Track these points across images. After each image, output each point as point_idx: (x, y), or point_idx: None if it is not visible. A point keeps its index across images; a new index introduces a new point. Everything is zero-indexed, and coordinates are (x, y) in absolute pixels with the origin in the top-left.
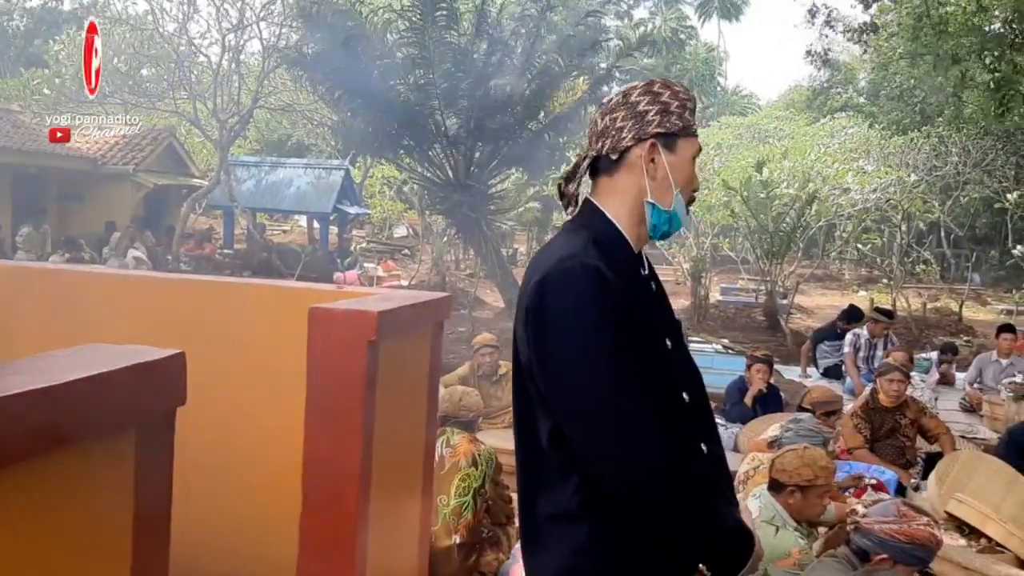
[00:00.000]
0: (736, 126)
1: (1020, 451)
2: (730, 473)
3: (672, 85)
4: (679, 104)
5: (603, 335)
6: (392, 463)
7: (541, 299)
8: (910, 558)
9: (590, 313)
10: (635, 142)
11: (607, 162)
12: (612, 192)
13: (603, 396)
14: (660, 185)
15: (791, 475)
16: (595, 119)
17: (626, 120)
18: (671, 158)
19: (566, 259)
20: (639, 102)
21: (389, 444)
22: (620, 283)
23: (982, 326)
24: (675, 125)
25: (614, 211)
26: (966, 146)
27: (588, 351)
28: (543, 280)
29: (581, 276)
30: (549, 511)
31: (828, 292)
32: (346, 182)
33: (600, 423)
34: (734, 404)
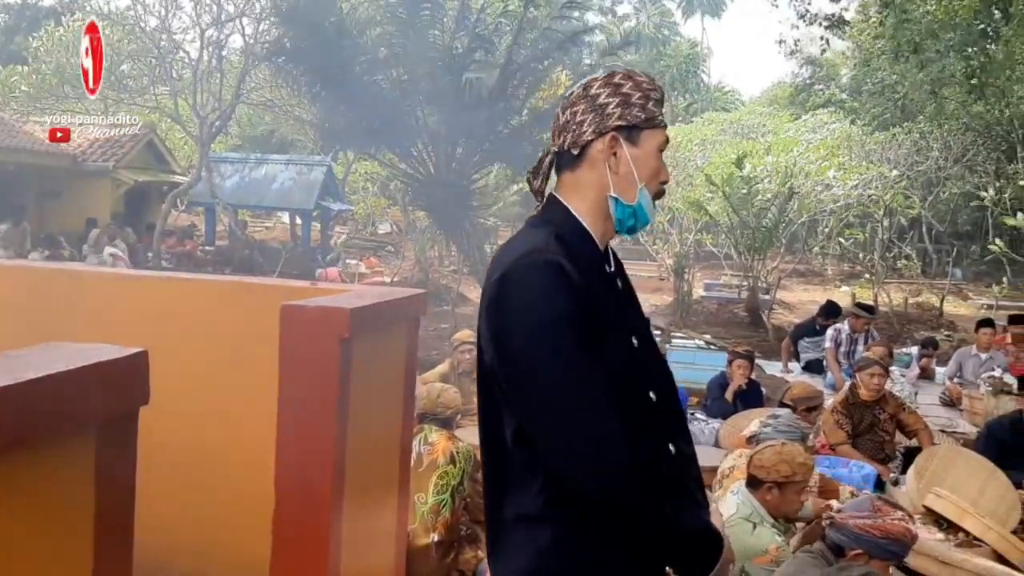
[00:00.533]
0: (719, 122)
1: (999, 445)
2: (701, 473)
3: (634, 75)
4: (641, 95)
5: (564, 332)
6: (367, 461)
7: (501, 296)
8: (885, 553)
9: (551, 310)
10: (596, 136)
11: (569, 157)
12: (575, 187)
13: (563, 394)
14: (623, 179)
15: (769, 471)
16: (558, 112)
17: (586, 113)
18: (634, 151)
19: (527, 255)
20: (599, 95)
21: (364, 442)
22: (583, 279)
23: (963, 321)
24: (637, 117)
25: (577, 206)
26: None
27: (548, 348)
28: (503, 277)
29: (542, 272)
30: (514, 512)
31: (810, 287)
32: (328, 178)
33: (559, 422)
34: (715, 399)
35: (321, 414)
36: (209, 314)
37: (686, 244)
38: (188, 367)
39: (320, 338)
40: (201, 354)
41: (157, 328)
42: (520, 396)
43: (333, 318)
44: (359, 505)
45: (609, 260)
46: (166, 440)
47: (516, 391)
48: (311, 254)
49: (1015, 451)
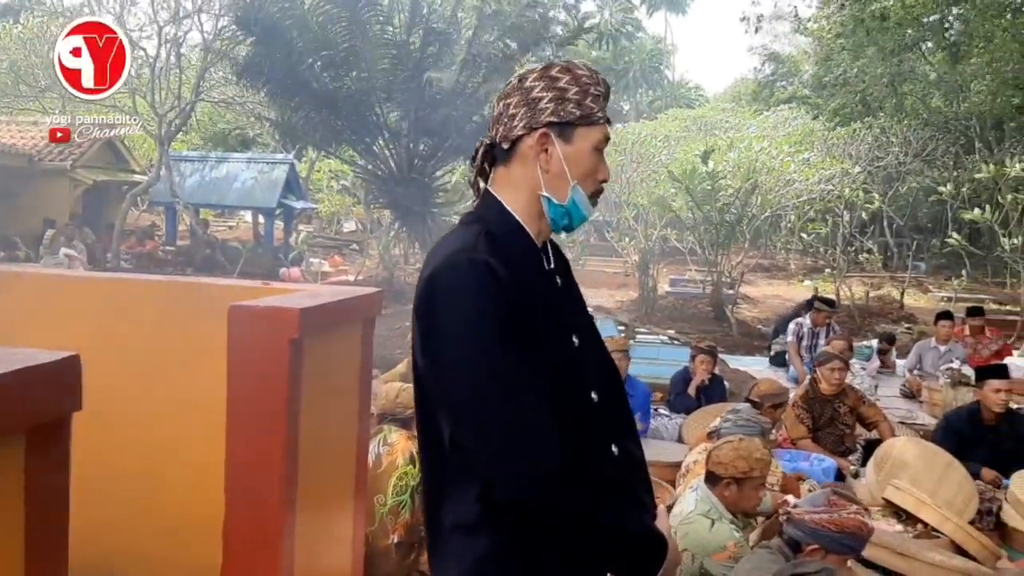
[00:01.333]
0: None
1: (956, 436)
2: (648, 474)
3: (573, 68)
4: (579, 90)
5: (489, 333)
6: (321, 463)
7: (428, 297)
8: (841, 547)
9: (476, 310)
10: (526, 131)
11: (501, 151)
12: (507, 183)
13: (488, 399)
14: (555, 178)
15: (727, 467)
16: (494, 103)
17: (519, 107)
18: (567, 149)
19: (453, 255)
20: (533, 88)
21: (317, 444)
22: (515, 278)
23: (923, 313)
24: (572, 114)
25: (511, 201)
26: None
27: (474, 350)
28: (430, 277)
29: (468, 271)
30: (451, 519)
31: (774, 282)
32: (291, 176)
33: (485, 427)
34: (678, 395)
35: (271, 416)
36: (156, 316)
37: (651, 240)
38: (135, 370)
39: (269, 339)
40: (148, 357)
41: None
42: (447, 401)
43: (282, 318)
44: (313, 508)
45: (548, 256)
46: (114, 445)
47: (443, 395)
48: (274, 253)
49: (972, 442)
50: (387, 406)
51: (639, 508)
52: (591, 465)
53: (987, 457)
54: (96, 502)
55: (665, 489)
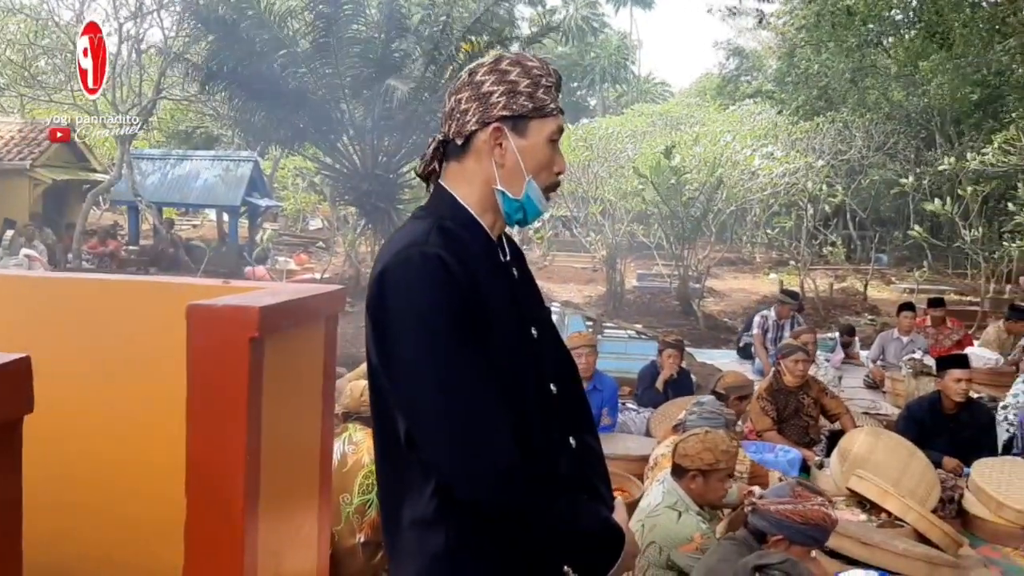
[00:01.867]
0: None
1: (918, 425)
2: (606, 466)
3: (524, 61)
4: (530, 83)
5: (443, 328)
6: (285, 463)
7: (380, 292)
8: (805, 538)
9: (428, 306)
10: (480, 127)
11: (455, 147)
12: (462, 177)
13: (443, 394)
14: (510, 172)
15: (693, 460)
16: (446, 98)
17: (471, 102)
18: (521, 143)
19: (405, 249)
20: (484, 82)
21: (280, 443)
22: (469, 271)
23: (886, 305)
24: (524, 107)
25: (466, 195)
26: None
27: (426, 346)
28: (382, 272)
29: (420, 266)
30: (408, 516)
31: (740, 275)
32: (255, 174)
33: (440, 423)
34: (646, 389)
35: (231, 417)
36: (114, 316)
37: (618, 235)
38: (92, 371)
39: (228, 338)
40: (105, 358)
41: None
42: (402, 398)
43: (242, 317)
44: (276, 508)
45: (504, 249)
46: (70, 448)
47: (398, 393)
48: (239, 252)
49: (934, 431)
50: (352, 404)
51: (596, 501)
52: (549, 459)
53: (948, 445)
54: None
55: (633, 483)
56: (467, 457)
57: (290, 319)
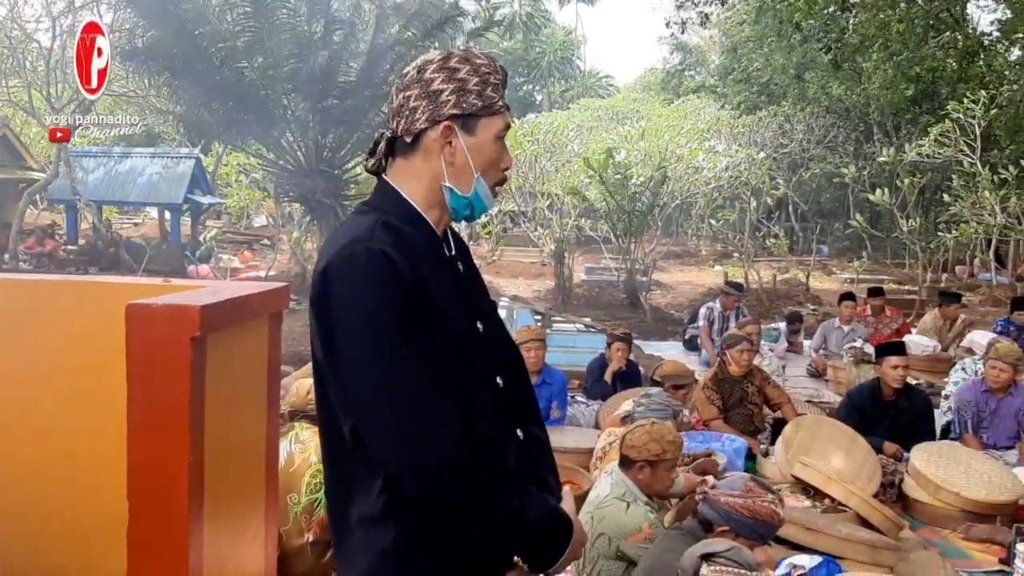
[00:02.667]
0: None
1: (859, 412)
2: (554, 457)
3: (472, 59)
4: (479, 81)
5: (389, 324)
6: (229, 463)
7: (324, 288)
8: (751, 532)
9: (374, 302)
10: (429, 124)
11: (403, 143)
12: (409, 174)
13: (389, 389)
14: (459, 170)
15: (640, 451)
16: (392, 94)
17: (420, 100)
18: (470, 140)
19: (349, 245)
20: (433, 79)
21: (225, 444)
22: (415, 266)
23: (828, 295)
24: (474, 105)
25: (411, 191)
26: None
27: (371, 343)
28: (326, 268)
29: (365, 261)
30: (356, 513)
31: (686, 268)
32: (198, 171)
33: (386, 418)
34: (595, 381)
35: (173, 418)
36: (51, 317)
37: (566, 229)
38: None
39: (169, 338)
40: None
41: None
42: (346, 394)
43: (182, 316)
44: (221, 509)
45: (449, 244)
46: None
47: (343, 389)
48: (181, 250)
49: (874, 417)
50: (299, 403)
51: (545, 492)
52: (496, 451)
53: (888, 431)
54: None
55: (582, 475)
56: (413, 451)
57: (233, 317)
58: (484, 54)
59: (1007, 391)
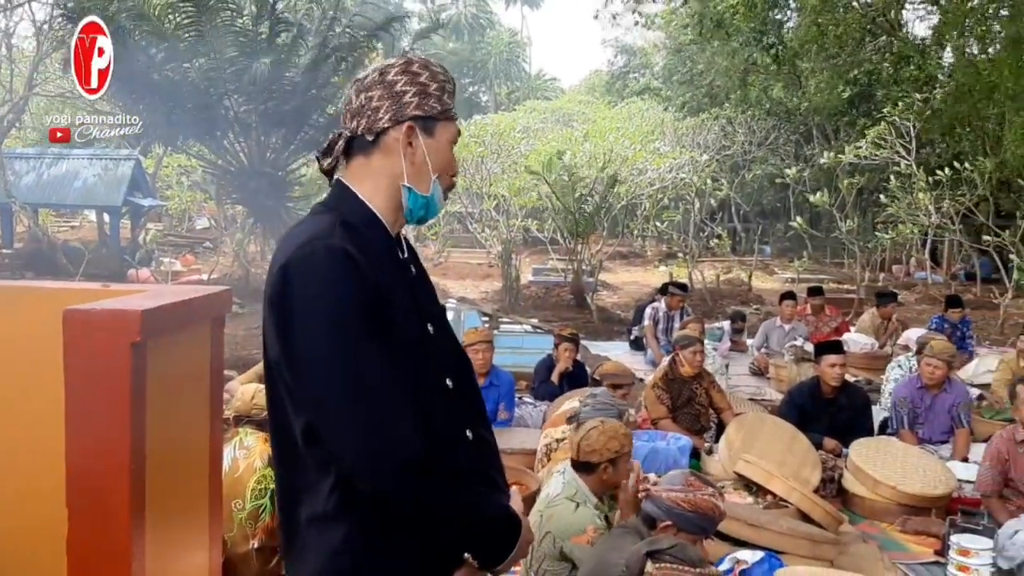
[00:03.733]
0: (541, 110)
1: (799, 409)
2: (501, 458)
3: (430, 66)
4: (437, 86)
5: (349, 323)
6: (172, 470)
7: (284, 286)
8: (692, 526)
9: (335, 300)
10: (392, 124)
11: (363, 142)
12: (367, 174)
13: (349, 388)
14: (418, 170)
15: (601, 452)
16: (350, 96)
17: (383, 100)
18: (429, 142)
19: (309, 242)
20: (396, 82)
21: (167, 450)
22: (373, 266)
23: (770, 294)
24: (433, 108)
25: (369, 193)
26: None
27: (333, 340)
28: (285, 265)
29: (325, 259)
30: (307, 512)
31: (632, 268)
32: (137, 173)
33: (347, 418)
34: (542, 382)
35: (113, 425)
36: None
37: (513, 230)
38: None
39: (108, 344)
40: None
41: None
42: (305, 392)
43: (122, 321)
44: (164, 516)
45: (402, 246)
46: None
47: (301, 387)
48: (121, 254)
49: (814, 414)
50: (243, 408)
51: (493, 490)
52: (448, 451)
53: (827, 428)
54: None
55: (530, 476)
56: (373, 448)
57: (174, 322)
58: (439, 63)
59: (941, 387)
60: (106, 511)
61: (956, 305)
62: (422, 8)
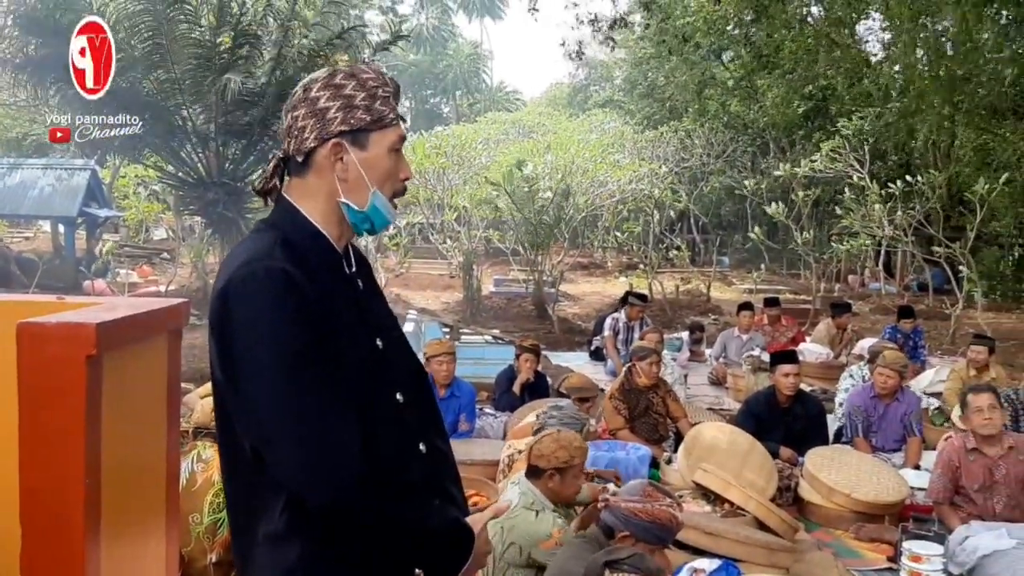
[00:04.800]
0: (502, 122)
1: (755, 418)
2: (457, 469)
3: (359, 73)
4: (367, 95)
5: (290, 343)
6: (128, 484)
7: (224, 307)
8: (650, 536)
9: (275, 321)
10: (319, 143)
11: (295, 163)
12: (304, 193)
13: (291, 410)
14: (353, 185)
15: (549, 459)
16: (283, 114)
17: (307, 118)
18: (362, 155)
19: (247, 264)
20: (319, 98)
21: (123, 465)
22: (315, 284)
23: (728, 305)
24: (362, 120)
25: (310, 208)
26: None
27: (274, 361)
28: (226, 287)
29: (265, 280)
30: (260, 533)
31: (593, 279)
32: (93, 183)
33: (289, 439)
34: (504, 393)
35: (68, 440)
36: None
37: (474, 241)
38: None
39: (63, 357)
40: None
41: None
42: (248, 413)
43: (77, 335)
44: (120, 532)
45: (350, 260)
46: None
47: (245, 409)
48: (76, 265)
49: (770, 423)
50: (203, 420)
51: (449, 503)
52: (398, 466)
53: (783, 436)
54: None
55: (491, 487)
56: (316, 466)
57: (130, 335)
58: (373, 67)
59: (894, 396)
60: (60, 527)
61: (908, 315)
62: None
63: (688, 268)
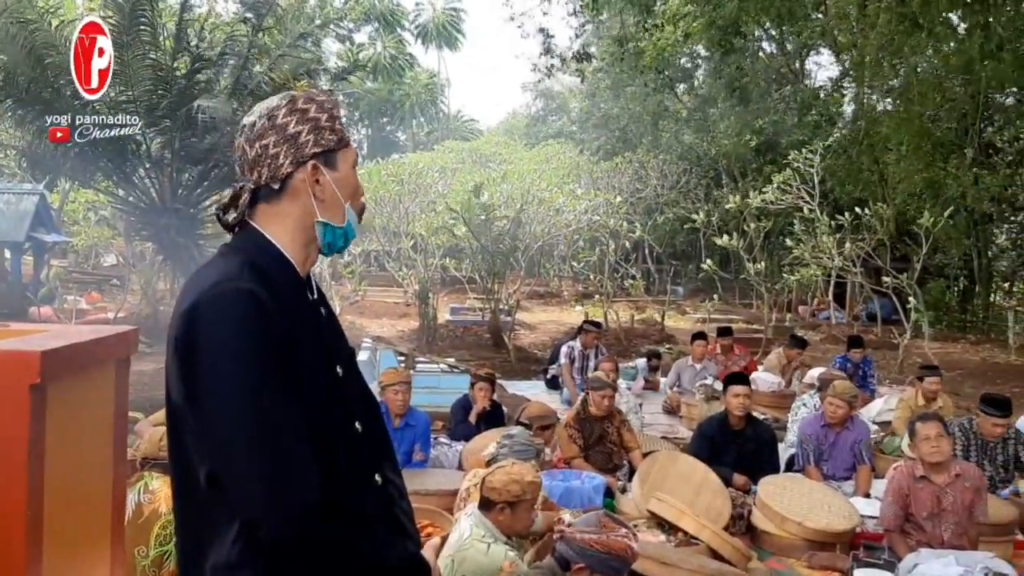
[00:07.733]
0: (459, 151)
1: (709, 442)
2: (410, 502)
3: (315, 97)
4: (327, 117)
5: (255, 365)
6: (72, 514)
7: (190, 328)
8: (606, 568)
9: (242, 343)
10: (296, 167)
11: (268, 191)
12: (275, 217)
13: (254, 434)
14: (330, 204)
15: (500, 492)
16: (242, 146)
17: (279, 145)
18: (334, 175)
19: (219, 283)
20: (288, 123)
21: (66, 494)
22: (282, 309)
23: (682, 334)
24: (330, 140)
25: (277, 234)
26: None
27: (239, 385)
28: (192, 307)
29: (233, 301)
30: (211, 561)
31: (549, 308)
32: (41, 207)
33: (249, 464)
34: (459, 423)
35: (9, 470)
36: None
37: (431, 269)
38: None
39: (6, 385)
40: None
41: None
42: (209, 436)
43: (21, 362)
44: (63, 565)
45: (312, 288)
46: None
47: (205, 431)
48: (23, 291)
49: (722, 447)
50: (151, 450)
51: (402, 536)
52: (355, 497)
53: (735, 458)
54: None
55: (445, 518)
56: (277, 495)
57: (76, 364)
58: (323, 91)
59: (844, 425)
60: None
61: (858, 345)
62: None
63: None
